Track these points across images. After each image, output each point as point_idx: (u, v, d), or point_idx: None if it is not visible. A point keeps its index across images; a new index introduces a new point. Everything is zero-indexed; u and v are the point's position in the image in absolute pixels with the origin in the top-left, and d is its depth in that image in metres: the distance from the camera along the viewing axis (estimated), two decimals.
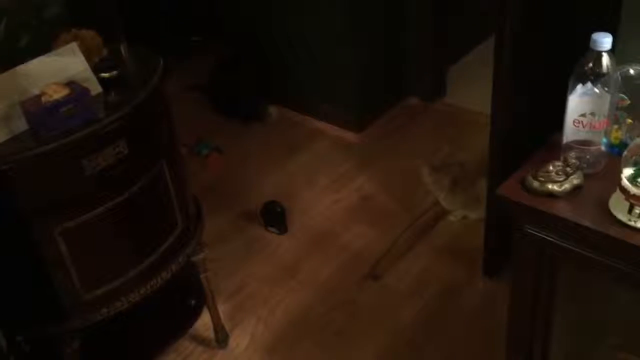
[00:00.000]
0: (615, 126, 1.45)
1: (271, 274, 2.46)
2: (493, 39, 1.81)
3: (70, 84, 1.44)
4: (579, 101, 1.35)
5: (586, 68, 1.32)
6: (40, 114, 1.38)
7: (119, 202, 1.55)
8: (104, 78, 1.58)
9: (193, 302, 2.04)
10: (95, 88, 1.54)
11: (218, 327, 2.14)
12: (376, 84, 3.19)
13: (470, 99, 3.15)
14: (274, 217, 2.63)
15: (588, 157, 1.43)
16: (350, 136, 3.16)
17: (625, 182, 1.26)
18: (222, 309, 2.28)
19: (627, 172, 1.27)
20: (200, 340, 2.20)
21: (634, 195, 1.25)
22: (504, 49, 1.78)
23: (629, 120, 1.42)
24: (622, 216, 1.28)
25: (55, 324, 1.60)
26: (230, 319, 2.27)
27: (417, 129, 3.17)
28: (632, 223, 1.27)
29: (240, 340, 2.20)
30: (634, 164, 1.26)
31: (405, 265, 2.46)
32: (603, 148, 1.43)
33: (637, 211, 1.26)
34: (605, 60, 1.30)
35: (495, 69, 1.86)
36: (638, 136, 1.32)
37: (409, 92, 3.35)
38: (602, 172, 1.42)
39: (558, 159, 1.41)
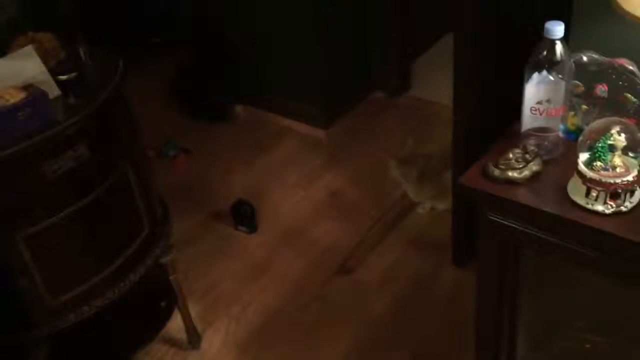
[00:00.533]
0: (572, 113, 1.48)
1: (242, 272, 2.46)
2: None
3: (28, 87, 1.42)
4: (535, 89, 1.37)
5: (541, 56, 1.34)
6: None
7: (82, 206, 1.53)
8: (62, 81, 1.56)
9: (163, 304, 2.02)
10: (53, 91, 1.52)
11: (190, 328, 2.13)
12: (342, 80, 3.19)
13: (435, 92, 3.17)
14: (243, 216, 2.62)
15: (546, 143, 1.45)
16: (317, 133, 3.16)
17: (581, 167, 1.29)
18: (194, 309, 2.27)
19: (583, 156, 1.30)
20: (173, 342, 2.19)
21: (591, 179, 1.28)
22: (463, 40, 1.80)
23: (584, 107, 1.45)
24: (580, 199, 1.31)
25: (21, 330, 1.58)
26: (202, 319, 2.27)
27: (383, 123, 3.19)
28: (589, 206, 1.29)
29: (212, 341, 2.20)
30: (589, 149, 1.29)
31: (375, 258, 2.47)
32: (560, 134, 1.47)
33: (594, 194, 1.28)
34: (559, 48, 1.33)
35: (455, 60, 1.88)
36: (593, 121, 1.35)
37: (375, 87, 3.37)
38: (560, 157, 1.45)
39: (518, 147, 1.43)
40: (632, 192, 1.29)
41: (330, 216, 2.68)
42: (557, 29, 1.31)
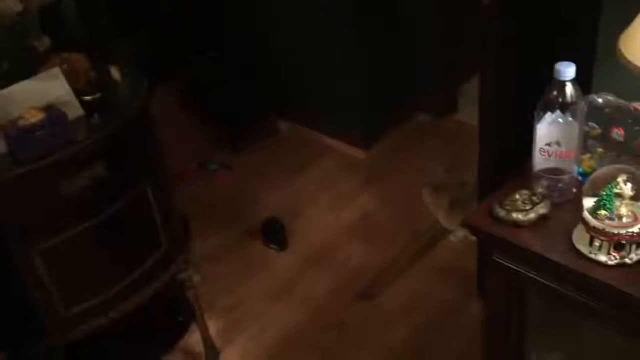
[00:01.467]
0: (588, 155, 1.43)
1: (268, 291, 2.48)
2: None
3: (48, 108, 1.49)
4: (545, 130, 1.34)
5: (551, 97, 1.31)
6: (17, 137, 1.43)
7: (97, 223, 1.59)
8: (87, 101, 1.62)
9: (181, 318, 2.06)
10: (77, 111, 1.58)
11: (208, 344, 2.17)
12: (386, 101, 3.18)
13: None
14: (274, 234, 2.65)
15: (560, 185, 1.41)
16: (358, 153, 3.16)
17: (585, 214, 1.24)
18: (217, 325, 2.32)
19: (588, 204, 1.25)
20: (193, 356, 2.23)
21: (595, 228, 1.23)
22: (486, 74, 1.77)
23: (600, 150, 1.40)
24: (584, 248, 1.26)
25: (35, 340, 1.65)
26: (223, 335, 2.30)
27: (425, 146, 3.15)
28: (592, 256, 1.25)
29: (230, 358, 2.23)
30: (595, 196, 1.24)
31: (401, 285, 2.44)
32: (578, 177, 1.42)
33: (597, 244, 1.24)
34: (570, 89, 1.29)
35: (480, 91, 1.85)
36: (602, 168, 1.30)
37: (420, 109, 3.34)
38: (574, 201, 1.40)
39: (525, 188, 1.39)
40: (639, 245, 1.23)
41: (361, 239, 2.67)
42: (567, 70, 1.27)
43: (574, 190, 1.40)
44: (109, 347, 1.94)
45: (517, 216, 1.36)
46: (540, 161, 1.39)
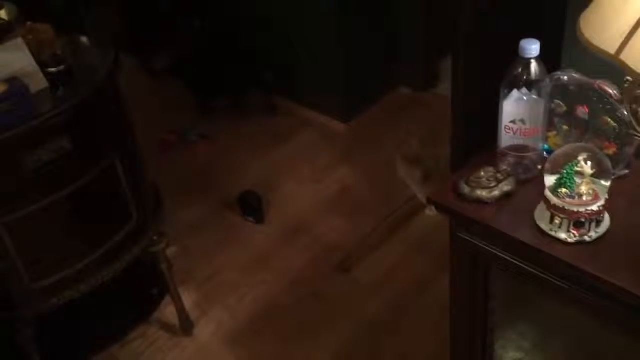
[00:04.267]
0: (554, 132, 1.42)
1: (244, 263, 2.49)
2: None
3: (11, 80, 1.47)
4: (510, 108, 1.33)
5: (516, 74, 1.30)
6: None
7: (63, 195, 1.58)
8: (51, 72, 1.60)
9: (155, 291, 2.07)
10: (41, 83, 1.56)
11: (182, 315, 2.18)
12: (366, 73, 3.16)
13: None
14: (252, 206, 2.65)
15: (526, 162, 1.41)
16: (337, 126, 3.15)
17: (546, 192, 1.25)
18: (192, 296, 2.33)
19: (549, 181, 1.25)
20: (168, 328, 2.24)
21: (555, 206, 1.23)
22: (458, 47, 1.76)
23: (565, 127, 1.39)
24: (545, 225, 1.26)
25: (4, 311, 1.65)
26: (198, 307, 2.31)
27: (404, 120, 3.14)
28: (552, 233, 1.25)
29: (205, 329, 2.24)
30: (556, 174, 1.24)
31: (376, 258, 2.46)
32: (544, 154, 1.41)
33: (557, 221, 1.24)
34: (534, 67, 1.28)
35: (452, 62, 1.83)
36: (565, 145, 1.30)
37: (401, 82, 3.32)
38: (539, 178, 1.40)
39: (490, 165, 1.39)
40: (599, 223, 1.24)
41: (338, 212, 2.68)
42: (532, 48, 1.26)
43: (539, 167, 1.40)
44: (81, 319, 1.94)
45: (481, 193, 1.35)
46: (505, 138, 1.38)
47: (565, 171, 1.22)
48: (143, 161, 1.86)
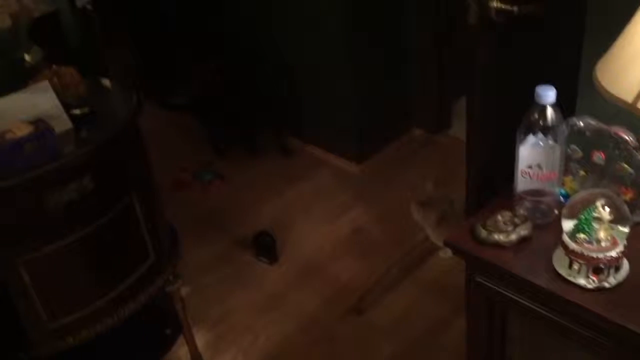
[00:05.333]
0: (570, 177, 1.43)
1: (257, 304, 2.49)
2: None
3: (36, 121, 1.50)
4: (526, 153, 1.35)
5: (532, 120, 1.32)
6: (3, 150, 1.45)
7: (83, 235, 1.60)
8: (75, 114, 1.64)
9: (168, 331, 2.07)
10: (65, 125, 1.60)
11: (195, 356, 2.17)
12: (379, 115, 3.19)
13: None
14: (265, 246, 2.66)
15: (543, 207, 1.42)
16: (350, 167, 3.17)
17: (564, 237, 1.25)
18: (205, 337, 2.32)
19: (567, 226, 1.26)
20: None
21: (573, 251, 1.24)
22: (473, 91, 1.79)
23: (582, 172, 1.41)
24: (563, 271, 1.27)
25: (20, 351, 1.65)
26: (211, 347, 2.30)
27: (418, 161, 3.16)
28: (571, 278, 1.25)
29: None
30: (574, 219, 1.25)
31: (390, 300, 2.45)
32: (560, 199, 1.42)
33: (576, 267, 1.24)
34: (550, 113, 1.30)
35: (467, 105, 1.86)
36: (583, 190, 1.30)
37: (414, 124, 3.35)
38: (556, 222, 1.40)
39: (507, 209, 1.40)
40: (617, 269, 1.24)
41: (351, 253, 2.68)
42: (548, 94, 1.29)
43: (556, 212, 1.41)
44: (93, 357, 1.94)
45: (499, 237, 1.36)
46: (522, 183, 1.40)
47: (583, 216, 1.22)
48: (161, 201, 1.88)
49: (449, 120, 3.37)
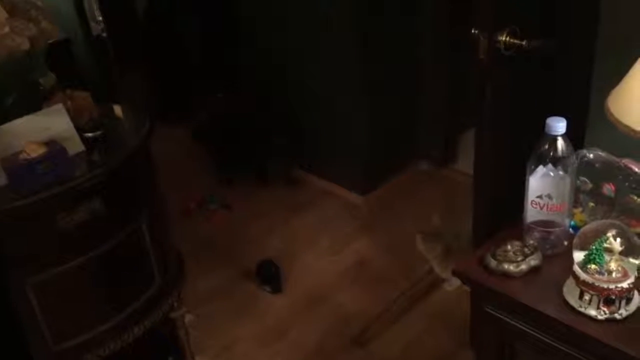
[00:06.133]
0: (580, 209, 1.44)
1: (260, 334, 2.46)
2: None
3: (50, 143, 1.52)
4: (536, 183, 1.36)
5: (542, 151, 1.33)
6: (17, 170, 1.46)
7: (92, 256, 1.60)
8: (88, 137, 1.65)
9: (171, 359, 2.05)
10: (78, 147, 1.61)
11: None
12: (385, 147, 3.21)
13: None
14: (269, 276, 2.65)
15: (552, 237, 1.42)
16: (356, 198, 3.18)
17: (575, 268, 1.25)
18: None
19: (578, 257, 1.26)
20: None
21: (584, 282, 1.23)
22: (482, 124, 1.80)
23: (591, 204, 1.41)
24: (574, 302, 1.26)
25: None
26: None
27: (423, 194, 3.17)
28: (582, 309, 1.25)
29: None
30: (584, 250, 1.25)
31: (394, 332, 2.43)
32: (570, 230, 1.43)
33: (587, 298, 1.24)
34: (560, 144, 1.31)
35: (476, 138, 1.88)
36: (592, 222, 1.31)
37: (419, 157, 3.37)
38: (565, 254, 1.41)
39: (517, 240, 1.40)
40: (629, 300, 1.23)
41: (355, 284, 2.67)
42: (558, 126, 1.30)
43: (565, 243, 1.41)
44: None
45: (508, 267, 1.36)
46: (532, 213, 1.40)
47: (594, 247, 1.23)
48: (169, 225, 1.89)
49: (454, 154, 3.39)
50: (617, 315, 1.23)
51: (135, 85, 2.27)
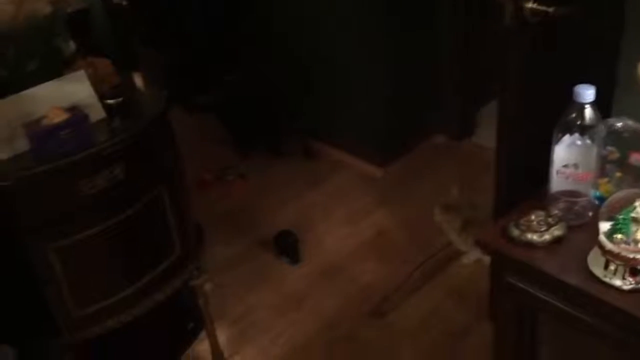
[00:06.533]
0: (606, 179, 1.42)
1: (278, 303, 2.48)
2: None
3: (72, 109, 1.52)
4: (563, 152, 1.34)
5: (570, 119, 1.31)
6: (39, 135, 1.46)
7: (113, 223, 1.61)
8: (109, 104, 1.65)
9: (191, 325, 2.07)
10: (99, 114, 1.61)
11: (216, 353, 2.17)
12: (404, 120, 3.18)
13: None
14: (287, 246, 2.65)
15: (576, 208, 1.40)
16: (374, 170, 3.16)
17: (601, 237, 1.24)
18: (225, 334, 2.32)
19: (604, 227, 1.24)
20: None
21: (610, 251, 1.22)
22: (508, 93, 1.78)
23: (618, 174, 1.39)
24: (599, 271, 1.25)
25: (47, 337, 1.66)
26: (231, 344, 2.30)
27: (441, 167, 3.14)
28: (607, 279, 1.24)
29: None
30: (611, 220, 1.24)
31: (412, 304, 2.43)
32: (595, 200, 1.41)
33: (612, 267, 1.23)
34: (588, 112, 1.29)
35: (499, 110, 1.85)
36: (620, 191, 1.29)
37: (437, 130, 3.34)
38: (590, 224, 1.39)
39: (541, 209, 1.39)
40: None
41: (373, 255, 2.67)
42: (587, 93, 1.28)
43: (590, 213, 1.40)
44: (117, 349, 1.94)
45: (532, 237, 1.35)
46: (557, 183, 1.38)
47: (621, 216, 1.21)
48: (189, 195, 1.89)
49: (472, 127, 3.36)
50: None
51: (153, 56, 2.26)
